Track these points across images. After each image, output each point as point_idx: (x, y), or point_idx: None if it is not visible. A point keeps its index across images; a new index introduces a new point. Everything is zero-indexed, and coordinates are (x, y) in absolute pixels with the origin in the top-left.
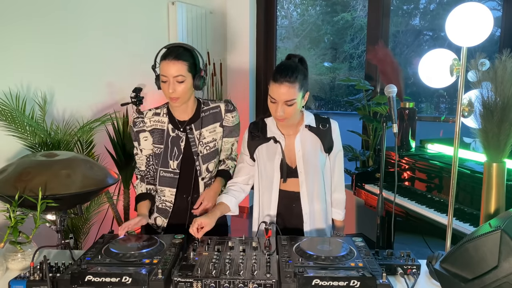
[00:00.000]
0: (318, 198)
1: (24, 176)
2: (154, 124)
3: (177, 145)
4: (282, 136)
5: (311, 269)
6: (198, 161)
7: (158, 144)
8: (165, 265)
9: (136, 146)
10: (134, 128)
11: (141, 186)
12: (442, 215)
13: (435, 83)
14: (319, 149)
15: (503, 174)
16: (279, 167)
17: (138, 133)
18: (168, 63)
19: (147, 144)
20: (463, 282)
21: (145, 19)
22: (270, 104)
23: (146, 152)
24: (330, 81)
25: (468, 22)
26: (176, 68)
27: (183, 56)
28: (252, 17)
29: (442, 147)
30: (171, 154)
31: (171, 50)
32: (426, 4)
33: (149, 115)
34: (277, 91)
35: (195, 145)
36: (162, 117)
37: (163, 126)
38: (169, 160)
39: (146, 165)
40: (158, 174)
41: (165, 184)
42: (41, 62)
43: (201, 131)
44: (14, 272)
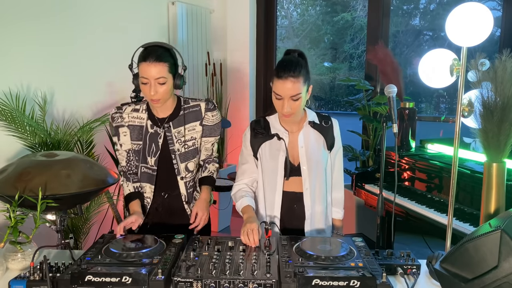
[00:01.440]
0: (320, 196)
1: (24, 176)
2: (132, 120)
3: (155, 142)
4: (285, 133)
5: (311, 269)
6: (175, 159)
7: (137, 140)
8: (165, 265)
9: (115, 141)
10: (113, 123)
11: (127, 185)
12: (442, 215)
13: (435, 83)
14: (322, 146)
15: (503, 174)
16: (283, 165)
17: (117, 128)
18: (149, 65)
19: (126, 139)
20: (463, 282)
21: (145, 19)
22: (276, 101)
23: (125, 147)
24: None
25: (468, 22)
26: (157, 70)
27: (163, 57)
28: (252, 17)
29: (442, 147)
30: (149, 150)
31: (150, 51)
32: (426, 4)
33: (127, 111)
34: (282, 87)
35: (173, 143)
36: (141, 113)
37: (142, 123)
38: (147, 157)
39: (127, 160)
40: (139, 170)
41: (145, 180)
42: (41, 62)
43: (179, 129)
44: (14, 272)
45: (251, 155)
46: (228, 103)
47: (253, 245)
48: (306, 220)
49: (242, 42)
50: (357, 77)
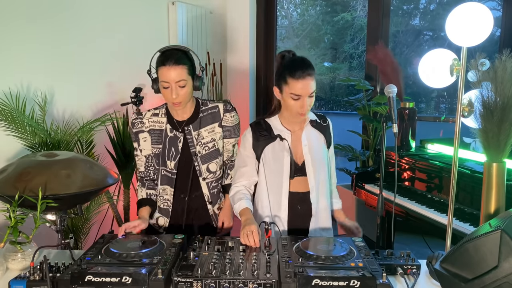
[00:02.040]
0: (324, 192)
1: (24, 176)
2: (153, 125)
3: (175, 146)
4: (288, 133)
5: (311, 269)
6: (196, 161)
7: (157, 144)
8: (165, 265)
9: (136, 147)
10: (133, 129)
11: (141, 191)
12: (442, 215)
13: (435, 83)
14: (322, 144)
15: (503, 174)
16: (288, 166)
17: (137, 134)
18: (168, 69)
19: (146, 145)
20: (463, 282)
21: (145, 19)
22: (293, 102)
23: (145, 152)
24: (330, 81)
25: (468, 22)
26: (177, 73)
27: (182, 60)
28: (252, 17)
29: (442, 147)
30: (168, 154)
31: (168, 54)
32: (426, 4)
33: (147, 116)
34: (302, 86)
35: (193, 146)
36: (161, 117)
37: (162, 126)
38: (167, 160)
39: (145, 166)
40: (160, 173)
41: (166, 183)
42: (41, 62)
43: (199, 132)
44: (14, 272)
45: (251, 157)
46: None
47: (254, 245)
48: (312, 218)
49: (242, 42)
50: (357, 77)
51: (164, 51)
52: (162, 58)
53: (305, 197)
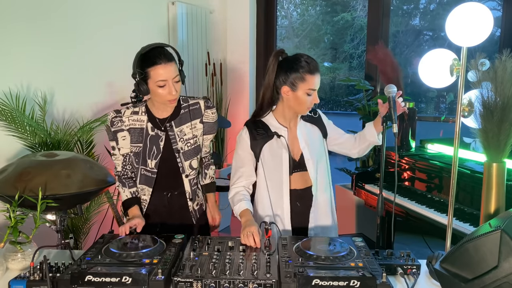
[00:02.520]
0: (323, 184)
1: (24, 176)
2: (133, 123)
3: (156, 144)
4: (285, 129)
5: (311, 269)
6: (179, 158)
7: (137, 143)
8: (165, 265)
9: (113, 145)
10: (112, 127)
11: (124, 191)
12: (442, 215)
13: (435, 83)
14: (318, 135)
15: (503, 174)
16: (287, 162)
17: (115, 133)
18: (165, 66)
19: (125, 143)
20: (463, 282)
21: (145, 19)
22: (306, 97)
23: (123, 151)
24: (330, 81)
25: (468, 22)
26: (173, 70)
27: (171, 55)
28: (252, 17)
29: (442, 147)
30: (149, 153)
31: (157, 53)
32: (426, 4)
33: (127, 114)
34: (315, 82)
35: (176, 142)
36: (141, 115)
37: (142, 125)
38: (147, 159)
39: (123, 165)
40: (139, 172)
41: (144, 183)
42: (41, 62)
43: (181, 128)
44: (14, 272)
45: (249, 157)
46: (228, 103)
47: (255, 246)
48: (311, 209)
49: (242, 42)
50: (357, 77)
51: (150, 50)
52: (152, 58)
53: (304, 194)
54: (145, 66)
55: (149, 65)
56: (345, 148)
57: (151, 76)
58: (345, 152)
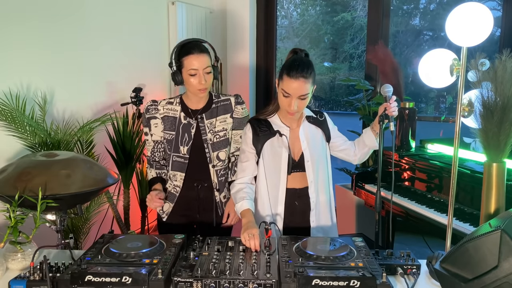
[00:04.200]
0: (323, 186)
1: (24, 176)
2: (167, 112)
3: (188, 132)
4: (287, 129)
5: (311, 269)
6: (207, 148)
7: (170, 130)
8: (165, 265)
9: (146, 131)
10: (147, 114)
11: (150, 172)
12: (442, 215)
13: (435, 83)
14: (321, 138)
15: (503, 174)
16: (286, 161)
17: (149, 120)
18: (197, 56)
19: (157, 131)
20: (463, 282)
21: (145, 19)
22: (283, 98)
23: (155, 137)
24: (330, 81)
25: (468, 22)
26: (205, 61)
27: (205, 49)
28: (252, 17)
29: (442, 147)
30: (181, 140)
31: (193, 44)
32: (426, 4)
33: (162, 103)
34: (293, 86)
35: (205, 133)
36: (175, 105)
37: (176, 114)
38: (180, 146)
39: (152, 151)
40: (171, 159)
41: (176, 169)
42: (41, 62)
43: (211, 121)
44: (14, 272)
45: (251, 153)
46: None
47: (254, 249)
48: (311, 211)
49: (242, 42)
50: (357, 77)
51: (187, 43)
52: (187, 48)
53: (303, 193)
54: (180, 55)
55: (184, 54)
56: (347, 155)
57: (185, 65)
58: (347, 159)
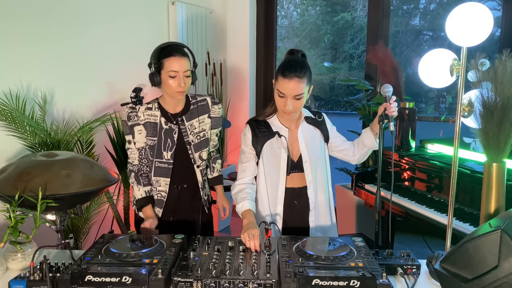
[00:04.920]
0: (322, 186)
1: (24, 176)
2: (148, 118)
3: (170, 137)
4: (286, 130)
5: (311, 269)
6: (190, 150)
7: (152, 136)
8: (165, 265)
9: (129, 139)
10: (129, 122)
11: (138, 190)
12: (442, 215)
13: (435, 83)
14: (319, 139)
15: (503, 174)
16: (285, 162)
17: (132, 127)
18: (178, 59)
19: (141, 137)
20: (463, 282)
21: (145, 19)
22: (278, 98)
23: (138, 145)
24: (330, 81)
25: (468, 22)
26: (185, 64)
27: (186, 54)
28: (252, 17)
29: (442, 147)
30: (164, 145)
31: (175, 47)
32: (426, 4)
33: (142, 110)
34: (287, 86)
35: (187, 135)
36: (154, 111)
37: (156, 120)
38: (163, 151)
39: (139, 158)
40: (153, 165)
41: (160, 175)
42: (41, 62)
43: (191, 122)
44: (14, 272)
45: (251, 153)
46: (228, 103)
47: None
48: (310, 211)
49: (242, 42)
50: (357, 77)
51: (169, 45)
52: (169, 51)
53: (302, 192)
54: (161, 57)
55: (165, 56)
56: (345, 155)
57: (165, 66)
58: (346, 159)
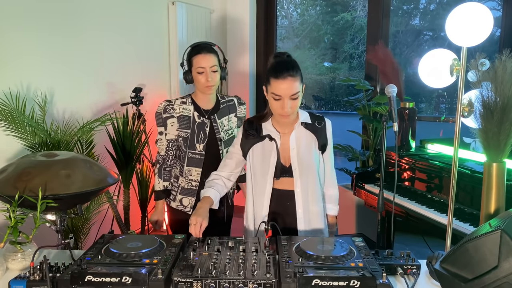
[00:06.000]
0: (314, 197)
1: (24, 176)
2: (182, 111)
3: (203, 130)
4: (277, 134)
5: (311, 269)
6: (221, 146)
7: (185, 129)
8: (165, 265)
9: (161, 131)
10: (164, 114)
11: (159, 183)
12: (442, 215)
13: (435, 83)
14: (313, 147)
15: (503, 174)
16: (274, 166)
17: (166, 119)
18: (204, 56)
19: (172, 129)
20: (463, 282)
21: (145, 19)
22: (274, 102)
23: (169, 136)
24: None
25: (468, 22)
26: (212, 60)
27: (213, 50)
28: (252, 17)
29: (442, 147)
30: (197, 137)
31: (203, 46)
32: (426, 4)
33: (177, 103)
34: (282, 86)
35: (219, 132)
36: (188, 105)
37: (189, 113)
38: (196, 143)
39: (166, 149)
40: (186, 156)
41: (192, 164)
42: (41, 62)
43: (222, 120)
44: (14, 272)
45: (237, 154)
46: None
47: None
48: (299, 220)
49: (242, 42)
50: (357, 77)
51: (197, 45)
52: (197, 49)
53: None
54: (191, 56)
55: (193, 54)
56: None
57: (194, 63)
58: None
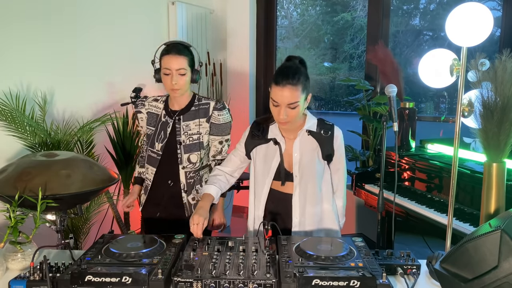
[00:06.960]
0: (312, 205)
1: (24, 176)
2: (150, 108)
3: (164, 130)
4: (283, 139)
5: (311, 269)
6: (179, 149)
7: (151, 126)
8: (165, 265)
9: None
10: (135, 109)
11: (136, 169)
12: (442, 215)
13: (435, 83)
14: (316, 155)
15: (503, 174)
16: (275, 170)
17: (136, 113)
18: (171, 57)
19: (143, 124)
20: (463, 282)
21: (145, 19)
22: (273, 107)
23: (143, 130)
24: (330, 81)
25: (468, 22)
26: (179, 62)
27: (184, 51)
28: (252, 17)
29: (442, 147)
30: (158, 136)
31: (172, 46)
32: (426, 4)
33: (149, 100)
34: (280, 94)
35: (180, 135)
36: (159, 103)
37: (158, 111)
38: (156, 142)
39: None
40: (146, 153)
41: (150, 163)
42: (41, 62)
43: (187, 123)
44: (14, 272)
45: (240, 151)
46: (228, 103)
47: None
48: (294, 222)
49: (242, 42)
50: (357, 77)
51: (169, 44)
52: (166, 49)
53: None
54: (161, 54)
55: (162, 54)
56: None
57: (162, 63)
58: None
